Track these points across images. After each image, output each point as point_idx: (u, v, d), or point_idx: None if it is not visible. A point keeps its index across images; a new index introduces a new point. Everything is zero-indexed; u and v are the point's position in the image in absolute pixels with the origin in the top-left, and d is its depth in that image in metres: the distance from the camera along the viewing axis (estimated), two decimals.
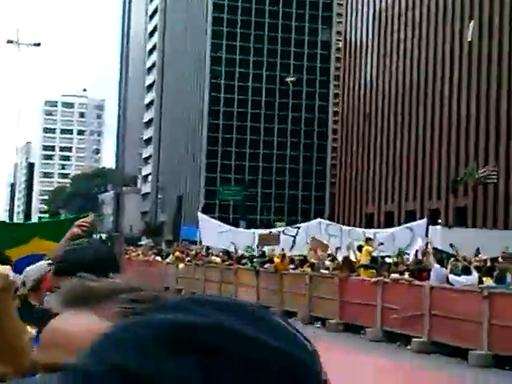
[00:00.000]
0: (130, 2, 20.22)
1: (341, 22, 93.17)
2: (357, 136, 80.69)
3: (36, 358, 1.04)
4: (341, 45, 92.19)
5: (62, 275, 2.45)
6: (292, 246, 27.37)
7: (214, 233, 31.18)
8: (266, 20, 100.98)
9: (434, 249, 23.54)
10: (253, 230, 32.77)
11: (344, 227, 30.80)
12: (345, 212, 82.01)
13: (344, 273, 20.92)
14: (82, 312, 1.04)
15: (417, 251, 22.02)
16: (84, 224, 4.29)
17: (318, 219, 31.53)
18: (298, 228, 29.29)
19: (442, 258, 19.85)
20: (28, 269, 4.18)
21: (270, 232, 30.54)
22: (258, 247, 28.54)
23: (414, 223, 29.92)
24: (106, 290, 1.04)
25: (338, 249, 25.76)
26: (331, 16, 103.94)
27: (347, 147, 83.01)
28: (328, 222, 32.39)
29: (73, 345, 0.99)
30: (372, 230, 30.59)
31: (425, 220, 30.08)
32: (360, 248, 24.13)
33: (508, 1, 59.01)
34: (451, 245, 22.27)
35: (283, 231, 30.00)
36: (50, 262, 3.10)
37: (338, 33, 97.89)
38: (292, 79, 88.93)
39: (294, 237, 28.21)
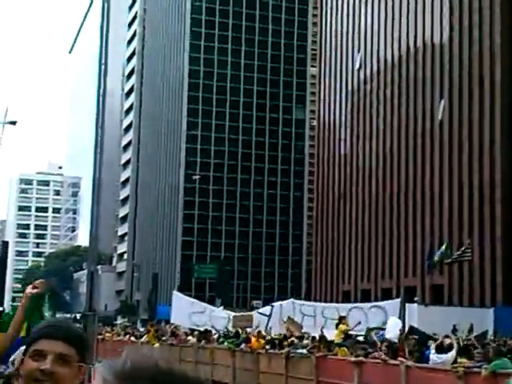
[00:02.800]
0: (105, 81, 20.52)
1: (314, 101, 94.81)
2: (332, 213, 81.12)
3: None
4: (315, 123, 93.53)
5: (50, 339, 2.49)
6: (266, 326, 27.31)
7: (186, 312, 31.12)
8: (241, 98, 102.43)
9: (411, 328, 23.51)
10: (228, 312, 32.70)
11: (318, 305, 30.77)
12: (321, 289, 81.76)
13: (321, 352, 20.77)
14: None
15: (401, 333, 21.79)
16: (36, 284, 4.53)
17: (291, 299, 31.61)
18: (272, 307, 29.33)
19: (422, 340, 19.76)
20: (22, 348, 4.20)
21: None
22: (233, 328, 28.55)
23: (386, 302, 29.94)
24: (171, 375, 1.01)
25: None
26: (305, 95, 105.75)
27: (323, 225, 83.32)
28: (301, 301, 32.45)
29: None
30: (348, 305, 30.53)
31: (398, 300, 29.96)
32: (337, 326, 24.18)
33: (477, 81, 60.46)
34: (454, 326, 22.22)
35: (257, 311, 30.19)
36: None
37: (312, 111, 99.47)
38: (197, 177, 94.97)
39: (269, 316, 28.19)
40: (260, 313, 29.75)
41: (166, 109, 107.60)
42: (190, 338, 30.40)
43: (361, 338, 22.64)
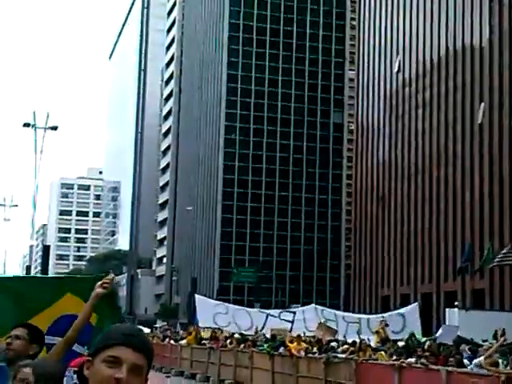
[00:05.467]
0: (144, 87, 20.72)
1: (352, 105, 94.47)
2: (370, 217, 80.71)
3: None
4: (353, 127, 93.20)
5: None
6: (290, 332, 27.70)
7: (210, 314, 31.52)
8: (279, 102, 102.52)
9: (458, 337, 23.37)
10: (249, 310, 33.38)
11: (338, 312, 31.66)
12: (360, 294, 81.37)
13: (361, 356, 20.72)
14: None
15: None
16: (106, 282, 4.52)
17: (313, 304, 32.25)
18: (294, 313, 29.83)
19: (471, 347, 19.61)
20: None
21: (268, 315, 31.03)
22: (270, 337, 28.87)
23: (405, 309, 30.43)
24: None
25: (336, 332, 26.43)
26: (343, 98, 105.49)
27: (361, 229, 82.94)
28: (322, 307, 33.06)
29: None
30: (365, 316, 31.30)
31: (416, 304, 30.53)
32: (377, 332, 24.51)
33: None
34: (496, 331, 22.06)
35: (279, 316, 30.60)
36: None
37: (350, 115, 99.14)
38: (189, 208, 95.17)
39: (292, 322, 28.67)
40: (282, 319, 30.15)
41: (205, 113, 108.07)
42: (229, 341, 30.52)
43: (401, 343, 22.63)
